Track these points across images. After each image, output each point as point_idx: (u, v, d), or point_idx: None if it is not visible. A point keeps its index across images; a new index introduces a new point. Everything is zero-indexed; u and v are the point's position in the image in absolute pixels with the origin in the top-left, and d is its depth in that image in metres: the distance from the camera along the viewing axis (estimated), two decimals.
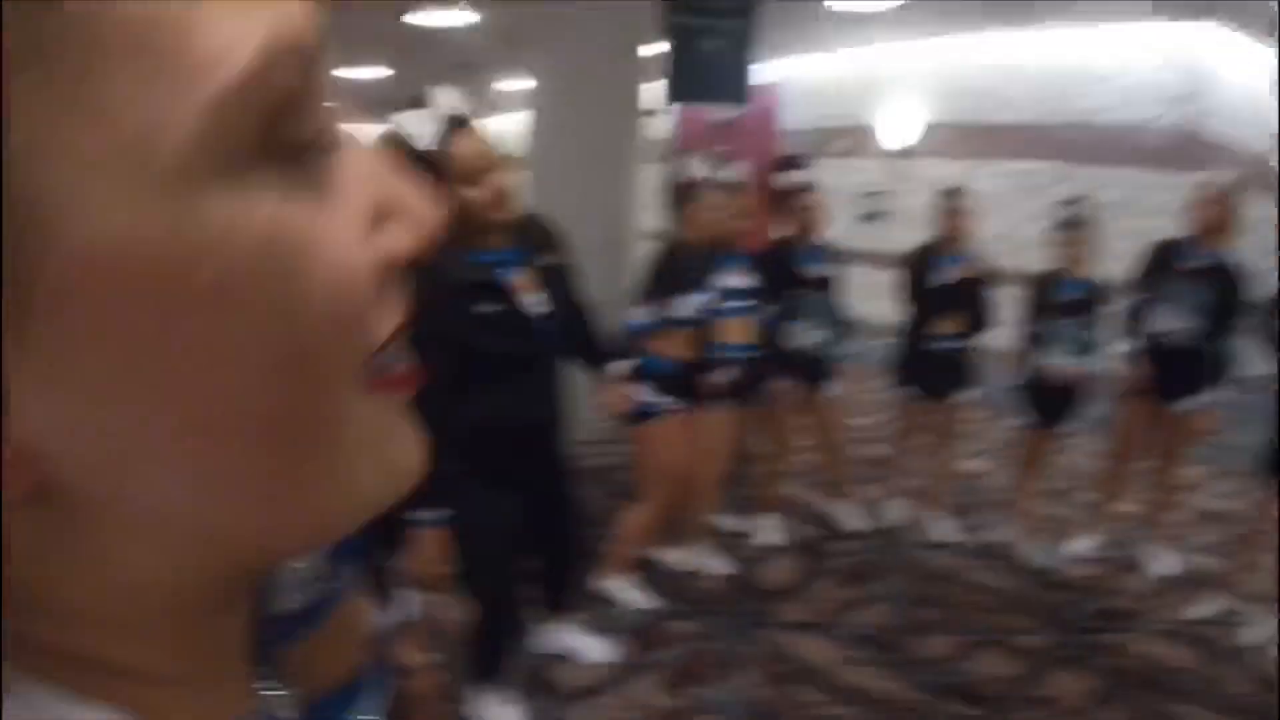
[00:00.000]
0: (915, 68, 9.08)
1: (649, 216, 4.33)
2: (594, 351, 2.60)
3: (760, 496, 4.00)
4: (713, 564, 3.61)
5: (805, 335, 3.75)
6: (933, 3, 7.01)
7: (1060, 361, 3.69)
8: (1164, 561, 3.92)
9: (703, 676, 2.92)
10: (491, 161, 2.02)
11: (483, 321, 2.09)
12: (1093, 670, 3.09)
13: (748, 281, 3.38)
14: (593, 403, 2.90)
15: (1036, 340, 3.76)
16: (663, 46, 5.04)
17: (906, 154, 9.18)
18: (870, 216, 9.17)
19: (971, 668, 3.03)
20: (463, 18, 7.15)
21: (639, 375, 2.87)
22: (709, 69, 5.19)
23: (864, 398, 5.69)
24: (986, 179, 8.19)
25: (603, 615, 3.12)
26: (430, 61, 7.97)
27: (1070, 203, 3.74)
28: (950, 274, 3.83)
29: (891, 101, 9.30)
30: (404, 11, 6.80)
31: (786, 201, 3.85)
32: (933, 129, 9.08)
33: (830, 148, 9.81)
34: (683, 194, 3.28)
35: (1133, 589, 3.79)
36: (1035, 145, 8.21)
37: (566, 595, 2.76)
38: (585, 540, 2.74)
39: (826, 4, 7.00)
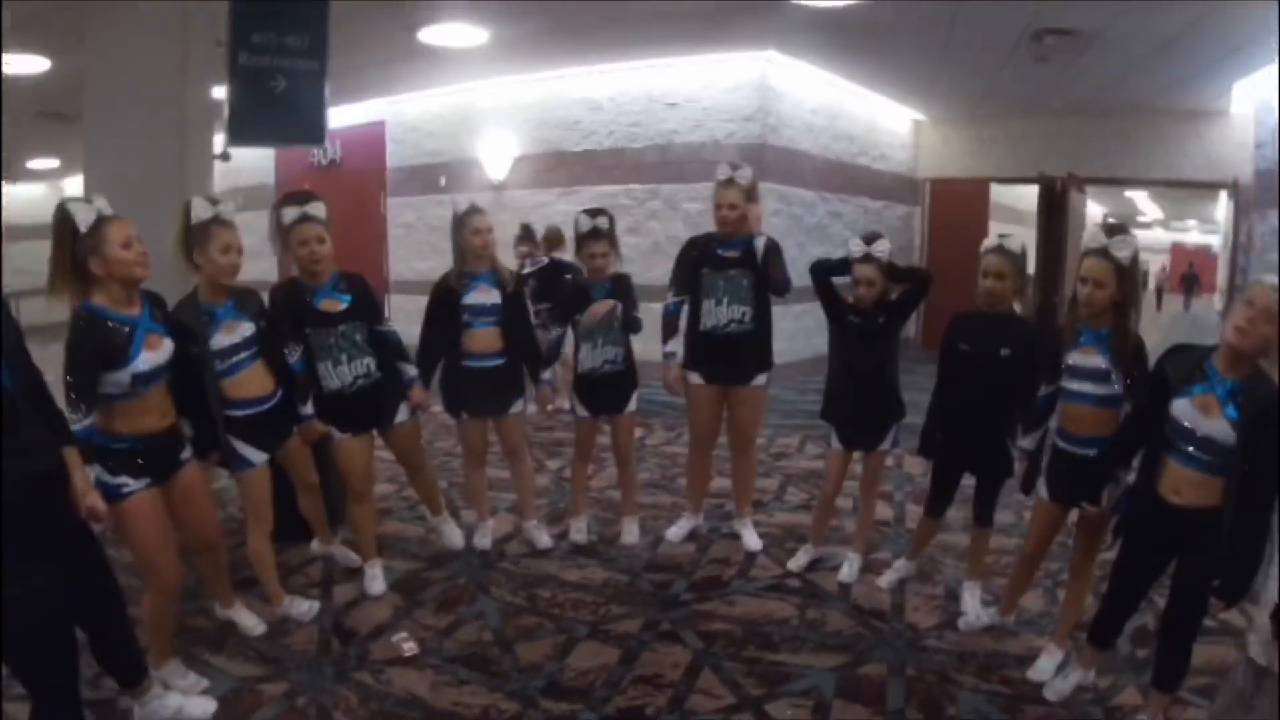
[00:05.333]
0: (506, 103, 9.49)
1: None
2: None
3: (361, 551, 3.88)
4: (300, 612, 3.49)
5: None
6: (519, 43, 7.42)
7: (601, 357, 4.05)
8: (753, 536, 4.35)
9: None
10: None
11: None
12: (689, 640, 3.37)
13: (244, 330, 3.22)
14: None
15: (580, 343, 4.09)
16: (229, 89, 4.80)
17: (500, 186, 9.55)
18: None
19: (569, 664, 3.17)
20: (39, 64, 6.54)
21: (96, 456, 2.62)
22: (279, 110, 5.03)
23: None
24: (576, 204, 8.80)
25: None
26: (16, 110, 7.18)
27: (590, 213, 4.05)
28: (486, 295, 3.93)
29: (487, 136, 9.63)
30: None
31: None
32: (523, 161, 9.53)
33: (435, 183, 10.00)
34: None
35: (733, 558, 4.21)
36: (618, 169, 8.91)
37: (126, 669, 2.58)
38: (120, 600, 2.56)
39: (419, 39, 7.10)
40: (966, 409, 3.45)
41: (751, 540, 4.34)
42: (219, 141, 5.16)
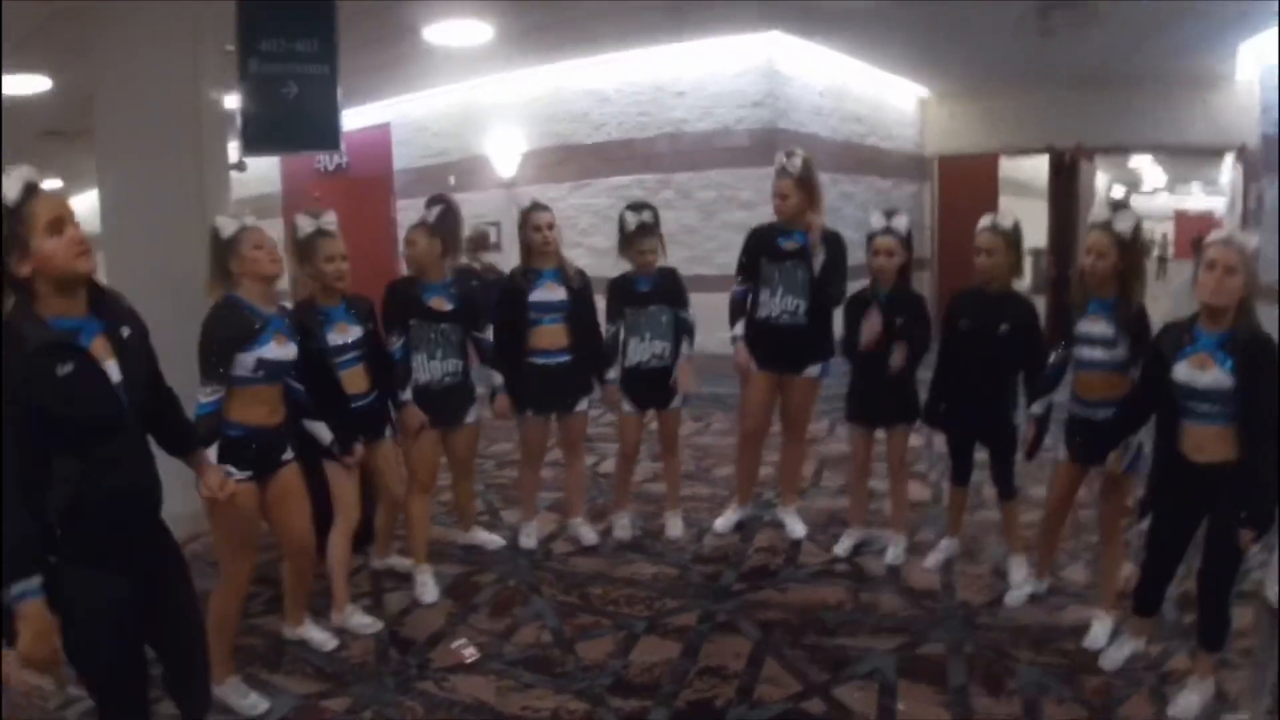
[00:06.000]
0: (512, 99, 9.44)
1: None
2: (177, 434, 2.41)
3: (412, 549, 3.88)
4: (361, 624, 3.47)
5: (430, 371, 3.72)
6: (523, 37, 7.37)
7: (648, 350, 4.04)
8: (797, 524, 4.35)
9: None
10: (68, 211, 1.99)
11: (64, 386, 1.91)
12: (747, 630, 3.37)
13: (354, 333, 3.47)
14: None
15: (628, 337, 4.07)
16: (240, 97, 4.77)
17: (510, 183, 9.50)
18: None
19: (632, 660, 3.17)
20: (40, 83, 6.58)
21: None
22: (292, 117, 4.98)
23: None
24: (587, 197, 8.77)
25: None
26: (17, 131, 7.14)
27: (635, 209, 4.03)
28: (552, 292, 3.97)
29: (495, 133, 9.58)
30: None
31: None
32: (532, 156, 9.48)
33: (444, 182, 9.94)
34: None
35: (779, 546, 4.21)
36: (629, 160, 8.86)
37: (197, 699, 2.53)
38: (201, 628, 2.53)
39: (424, 37, 7.05)
40: (969, 384, 3.59)
41: (796, 527, 4.34)
42: (233, 150, 5.13)
